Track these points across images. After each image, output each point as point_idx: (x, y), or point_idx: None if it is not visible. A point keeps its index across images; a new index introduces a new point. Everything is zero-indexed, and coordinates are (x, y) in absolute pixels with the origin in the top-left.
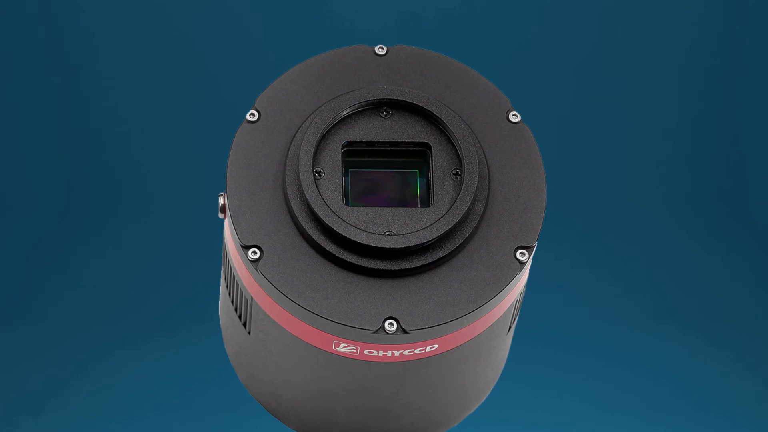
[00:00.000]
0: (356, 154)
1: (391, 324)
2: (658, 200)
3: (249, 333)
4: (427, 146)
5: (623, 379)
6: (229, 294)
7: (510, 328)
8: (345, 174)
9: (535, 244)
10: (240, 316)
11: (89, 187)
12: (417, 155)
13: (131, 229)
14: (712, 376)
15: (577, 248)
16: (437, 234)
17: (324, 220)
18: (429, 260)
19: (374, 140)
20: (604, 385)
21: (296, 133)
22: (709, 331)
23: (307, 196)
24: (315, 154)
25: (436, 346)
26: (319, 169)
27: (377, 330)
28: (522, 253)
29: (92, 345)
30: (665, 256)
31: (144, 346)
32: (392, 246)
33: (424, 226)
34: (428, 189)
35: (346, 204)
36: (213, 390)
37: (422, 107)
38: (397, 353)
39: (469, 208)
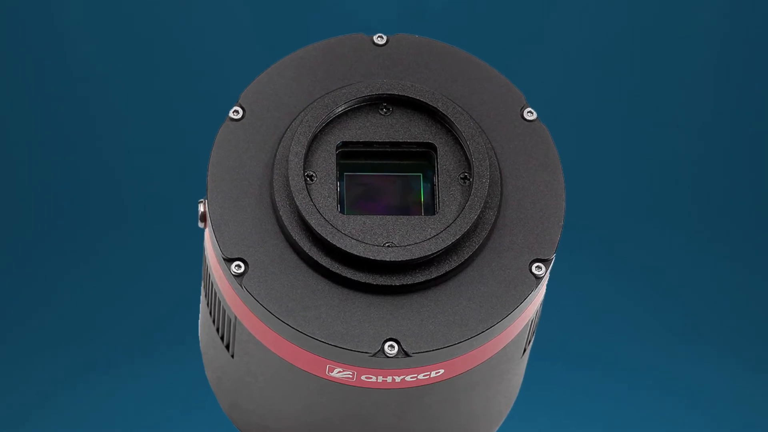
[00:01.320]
0: (352, 156)
1: (392, 346)
2: (688, 208)
3: (232, 356)
4: (431, 147)
5: (649, 405)
6: (210, 312)
7: (525, 350)
8: (340, 178)
9: (553, 256)
10: (222, 338)
11: (57, 193)
12: (420, 157)
13: (102, 240)
14: (747, 402)
15: (599, 261)
16: (443, 245)
17: (316, 229)
18: (434, 275)
19: (373, 140)
20: (628, 412)
21: (285, 132)
22: (743, 353)
23: (298, 203)
24: (306, 155)
25: (441, 371)
26: (311, 173)
27: (376, 353)
28: (538, 267)
29: (59, 369)
30: (695, 271)
31: (116, 370)
32: (393, 259)
33: (428, 237)
34: (433, 195)
35: (342, 212)
36: (192, 419)
37: (426, 103)
38: (398, 379)
39: (478, 216)
